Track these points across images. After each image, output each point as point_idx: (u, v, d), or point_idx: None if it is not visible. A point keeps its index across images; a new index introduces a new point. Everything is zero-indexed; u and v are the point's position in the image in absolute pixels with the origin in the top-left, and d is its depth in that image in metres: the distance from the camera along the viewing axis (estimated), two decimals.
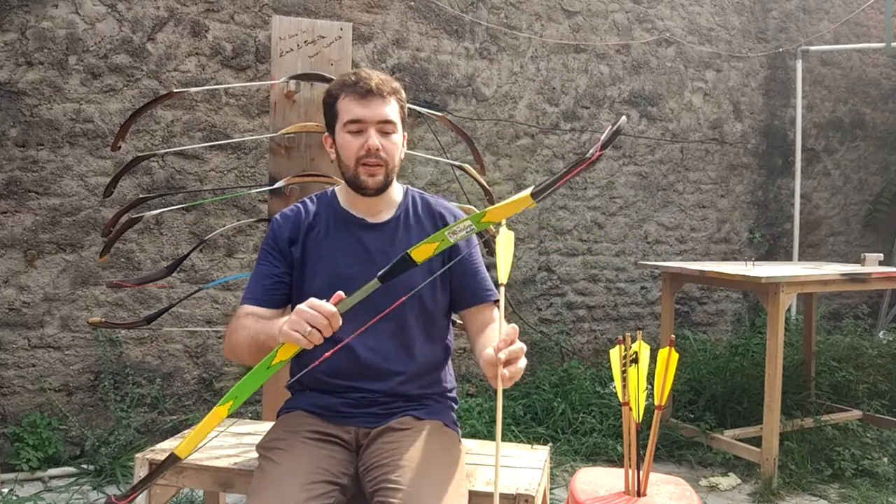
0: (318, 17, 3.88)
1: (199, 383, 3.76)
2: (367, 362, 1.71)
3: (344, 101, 1.70)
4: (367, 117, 1.68)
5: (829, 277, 3.49)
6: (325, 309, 1.41)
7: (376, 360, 1.71)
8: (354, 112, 1.68)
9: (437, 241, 1.42)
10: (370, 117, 1.68)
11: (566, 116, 4.80)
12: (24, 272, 3.41)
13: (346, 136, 1.70)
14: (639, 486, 1.88)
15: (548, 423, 3.98)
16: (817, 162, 5.95)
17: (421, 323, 1.76)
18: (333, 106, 1.72)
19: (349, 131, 1.69)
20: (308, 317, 1.41)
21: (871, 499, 3.23)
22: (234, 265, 3.80)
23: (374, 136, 1.68)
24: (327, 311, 1.41)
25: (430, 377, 1.80)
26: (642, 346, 1.87)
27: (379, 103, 1.69)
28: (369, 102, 1.68)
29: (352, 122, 1.68)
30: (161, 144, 3.61)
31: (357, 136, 1.69)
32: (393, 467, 1.53)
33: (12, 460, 3.24)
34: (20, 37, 3.36)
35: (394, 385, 1.71)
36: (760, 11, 5.56)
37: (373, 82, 1.68)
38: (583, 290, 4.91)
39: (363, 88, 1.68)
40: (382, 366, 1.72)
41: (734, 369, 4.30)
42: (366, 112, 1.68)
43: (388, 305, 1.68)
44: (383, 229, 1.78)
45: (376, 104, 1.68)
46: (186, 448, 1.48)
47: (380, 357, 1.72)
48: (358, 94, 1.68)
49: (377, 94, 1.68)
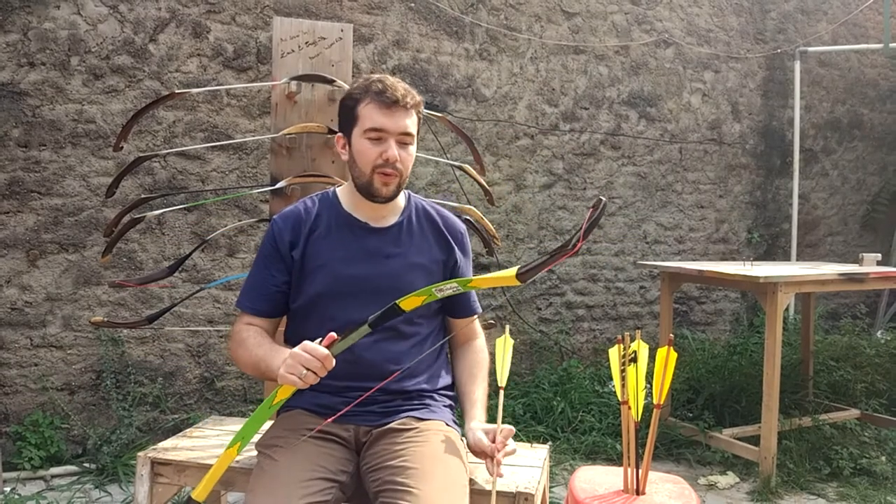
0: (319, 18, 3.89)
1: (201, 382, 3.78)
2: (364, 361, 1.72)
3: (367, 108, 1.70)
4: (389, 128, 1.68)
5: (827, 277, 3.51)
6: (319, 352, 1.50)
7: (373, 359, 1.73)
8: (377, 121, 1.68)
9: (424, 294, 1.51)
10: (392, 128, 1.69)
11: (566, 117, 4.82)
12: (26, 272, 3.43)
13: (364, 143, 1.70)
14: (638, 484, 1.90)
15: (547, 421, 4.00)
16: (815, 162, 5.97)
17: (416, 320, 1.78)
18: (354, 109, 1.72)
19: (369, 138, 1.69)
20: (303, 360, 1.50)
21: (869, 497, 3.25)
22: (236, 265, 3.81)
23: (394, 147, 1.69)
24: (321, 354, 1.50)
25: (426, 374, 1.81)
26: (641, 345, 1.89)
27: (402, 115, 1.69)
28: (393, 113, 1.68)
29: (373, 130, 1.69)
30: (163, 145, 3.63)
31: (377, 144, 1.69)
32: (399, 469, 1.55)
33: (14, 459, 3.26)
34: (22, 37, 3.38)
35: (391, 382, 1.72)
36: (759, 13, 5.57)
37: (399, 93, 1.69)
38: (582, 290, 4.93)
39: (389, 98, 1.68)
40: (379, 363, 1.73)
41: (732, 368, 4.31)
42: (388, 122, 1.68)
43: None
44: (387, 233, 1.79)
45: (399, 115, 1.69)
46: (203, 491, 1.58)
47: (376, 355, 1.73)
48: (383, 104, 1.68)
49: (402, 106, 1.69)
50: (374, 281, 1.74)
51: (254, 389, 3.85)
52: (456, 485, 1.57)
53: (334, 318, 1.72)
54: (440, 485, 1.52)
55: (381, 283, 1.74)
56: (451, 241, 1.85)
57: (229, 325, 3.78)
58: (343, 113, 1.76)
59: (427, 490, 1.48)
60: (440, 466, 1.58)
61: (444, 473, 1.57)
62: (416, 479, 1.50)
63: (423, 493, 1.47)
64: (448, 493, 1.52)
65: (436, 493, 1.49)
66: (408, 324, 1.76)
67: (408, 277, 1.75)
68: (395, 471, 1.54)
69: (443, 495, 1.50)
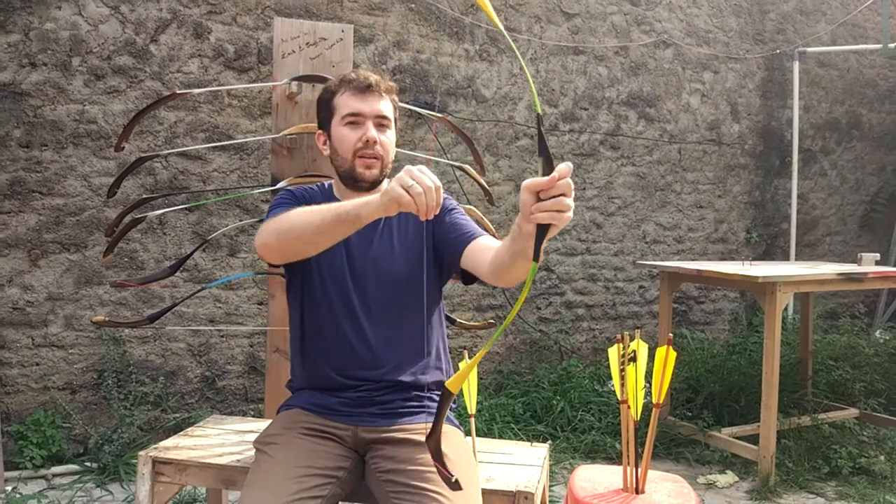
0: (320, 19, 3.90)
1: (202, 382, 3.79)
2: (360, 351, 1.72)
3: (342, 97, 1.74)
4: (365, 111, 1.73)
5: (825, 277, 3.52)
6: (431, 177, 1.33)
7: (368, 348, 1.73)
8: (353, 106, 1.72)
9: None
10: (368, 111, 1.73)
11: (565, 118, 4.83)
12: (28, 272, 3.44)
13: (343, 130, 1.73)
14: (637, 483, 1.91)
15: (547, 420, 4.01)
16: (814, 162, 5.98)
17: (411, 304, 1.76)
18: (330, 102, 1.76)
19: (347, 123, 1.73)
20: (413, 174, 1.32)
21: (868, 496, 3.26)
22: (237, 265, 3.82)
23: (373, 129, 1.73)
24: (433, 179, 1.33)
25: (422, 362, 1.78)
26: (640, 344, 1.90)
27: (376, 99, 1.74)
28: (367, 97, 1.73)
29: (350, 115, 1.72)
30: (164, 145, 3.64)
31: (355, 129, 1.73)
32: (414, 472, 1.56)
33: (16, 458, 3.27)
34: (24, 38, 3.39)
35: (388, 370, 1.72)
36: (758, 13, 5.58)
37: (371, 79, 1.74)
38: (582, 290, 4.94)
39: (363, 83, 1.73)
40: (375, 351, 1.73)
41: (731, 368, 4.32)
42: (364, 106, 1.72)
43: (384, 296, 1.73)
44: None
45: (374, 99, 1.74)
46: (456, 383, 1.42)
47: (373, 343, 1.73)
48: (357, 89, 1.73)
49: (375, 90, 1.74)
50: (357, 265, 1.75)
51: (254, 389, 3.86)
52: (473, 485, 1.60)
53: (319, 303, 1.75)
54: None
55: (365, 266, 1.75)
56: None
57: (230, 324, 3.80)
58: (321, 109, 1.80)
59: (450, 494, 1.50)
60: (457, 470, 1.59)
61: (462, 476, 1.58)
62: (437, 482, 1.51)
63: (446, 497, 1.49)
64: (467, 495, 1.54)
65: (458, 497, 1.51)
66: (399, 316, 1.75)
67: (389, 260, 1.75)
68: (410, 474, 1.55)
69: (464, 498, 1.52)
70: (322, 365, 1.75)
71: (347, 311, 1.73)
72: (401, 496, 1.53)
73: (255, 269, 3.77)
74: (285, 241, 1.56)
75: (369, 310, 1.73)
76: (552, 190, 1.20)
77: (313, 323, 1.77)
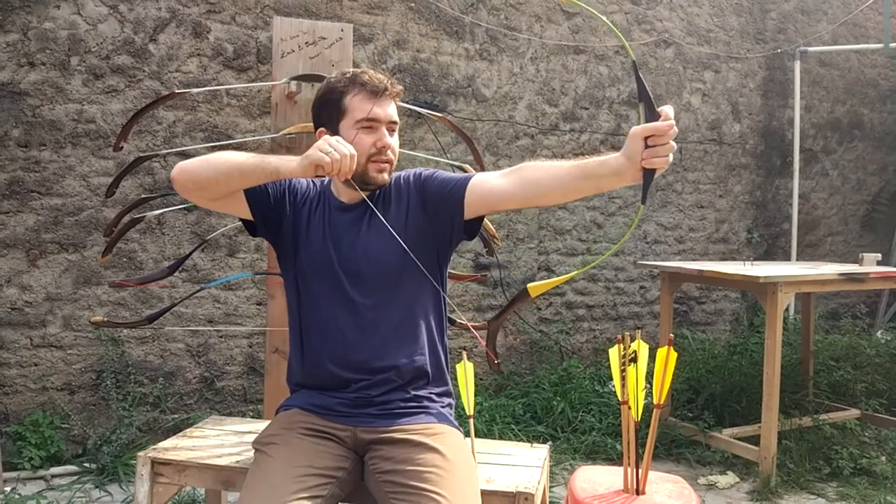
0: (319, 18, 3.89)
1: (201, 382, 3.78)
2: (356, 337, 1.71)
3: (355, 99, 1.71)
4: (381, 116, 1.71)
5: (827, 277, 3.51)
6: (348, 145, 1.57)
7: (363, 333, 1.72)
8: (369, 110, 1.70)
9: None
10: (383, 117, 1.72)
11: (566, 117, 4.82)
12: (26, 272, 3.43)
13: (357, 133, 1.70)
14: (638, 484, 1.90)
15: (547, 421, 4.00)
16: (815, 162, 5.97)
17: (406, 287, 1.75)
18: (339, 102, 1.72)
19: (363, 128, 1.70)
20: (332, 143, 1.55)
21: (869, 497, 3.25)
22: (236, 265, 3.81)
23: (387, 135, 1.72)
24: (350, 147, 1.56)
25: (419, 345, 1.76)
26: (641, 345, 1.89)
27: (388, 103, 1.73)
28: (381, 102, 1.71)
29: (367, 120, 1.70)
30: (163, 145, 3.63)
31: (370, 134, 1.71)
32: (413, 472, 1.55)
33: (15, 459, 3.26)
34: (22, 37, 3.38)
35: (384, 354, 1.71)
36: (759, 12, 5.57)
37: (385, 83, 1.72)
38: (582, 290, 4.93)
39: (378, 88, 1.71)
40: (371, 336, 1.72)
41: (732, 368, 4.31)
42: (379, 111, 1.71)
43: (377, 280, 1.73)
44: (357, 208, 1.78)
45: (387, 104, 1.73)
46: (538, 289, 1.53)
47: (369, 328, 1.72)
48: (372, 93, 1.70)
49: (388, 95, 1.73)
50: (346, 254, 1.74)
51: (253, 390, 3.85)
52: (473, 486, 1.60)
53: (312, 293, 1.76)
54: (459, 489, 1.54)
55: (355, 255, 1.74)
56: (411, 187, 1.79)
57: (229, 325, 3.79)
58: (326, 107, 1.75)
59: (449, 494, 1.49)
60: (456, 470, 1.59)
61: (461, 477, 1.58)
62: (436, 483, 1.51)
63: (445, 497, 1.48)
64: (466, 496, 1.54)
65: (457, 498, 1.51)
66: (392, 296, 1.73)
67: (379, 244, 1.74)
68: (409, 474, 1.55)
69: (463, 499, 1.52)
70: (321, 357, 1.74)
71: (342, 299, 1.73)
72: (399, 496, 1.53)
73: (254, 269, 3.76)
74: (206, 168, 1.66)
75: (364, 296, 1.72)
76: (664, 137, 1.31)
77: (310, 316, 1.77)
